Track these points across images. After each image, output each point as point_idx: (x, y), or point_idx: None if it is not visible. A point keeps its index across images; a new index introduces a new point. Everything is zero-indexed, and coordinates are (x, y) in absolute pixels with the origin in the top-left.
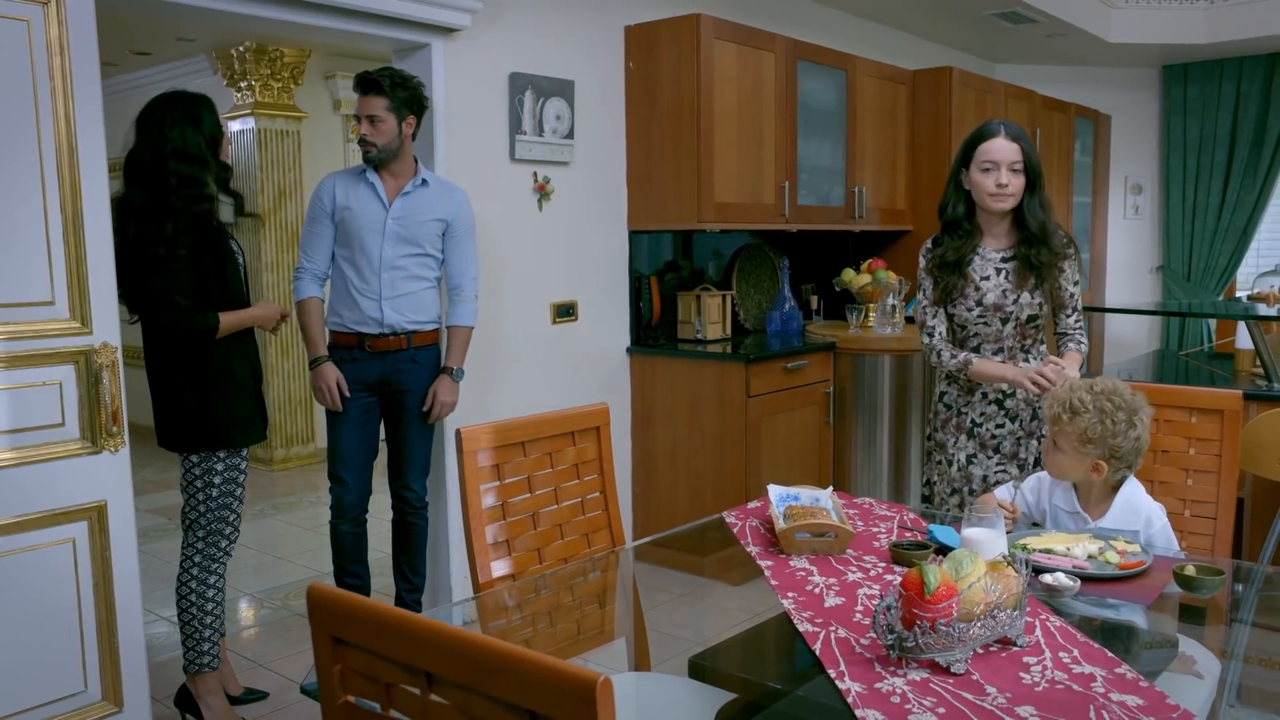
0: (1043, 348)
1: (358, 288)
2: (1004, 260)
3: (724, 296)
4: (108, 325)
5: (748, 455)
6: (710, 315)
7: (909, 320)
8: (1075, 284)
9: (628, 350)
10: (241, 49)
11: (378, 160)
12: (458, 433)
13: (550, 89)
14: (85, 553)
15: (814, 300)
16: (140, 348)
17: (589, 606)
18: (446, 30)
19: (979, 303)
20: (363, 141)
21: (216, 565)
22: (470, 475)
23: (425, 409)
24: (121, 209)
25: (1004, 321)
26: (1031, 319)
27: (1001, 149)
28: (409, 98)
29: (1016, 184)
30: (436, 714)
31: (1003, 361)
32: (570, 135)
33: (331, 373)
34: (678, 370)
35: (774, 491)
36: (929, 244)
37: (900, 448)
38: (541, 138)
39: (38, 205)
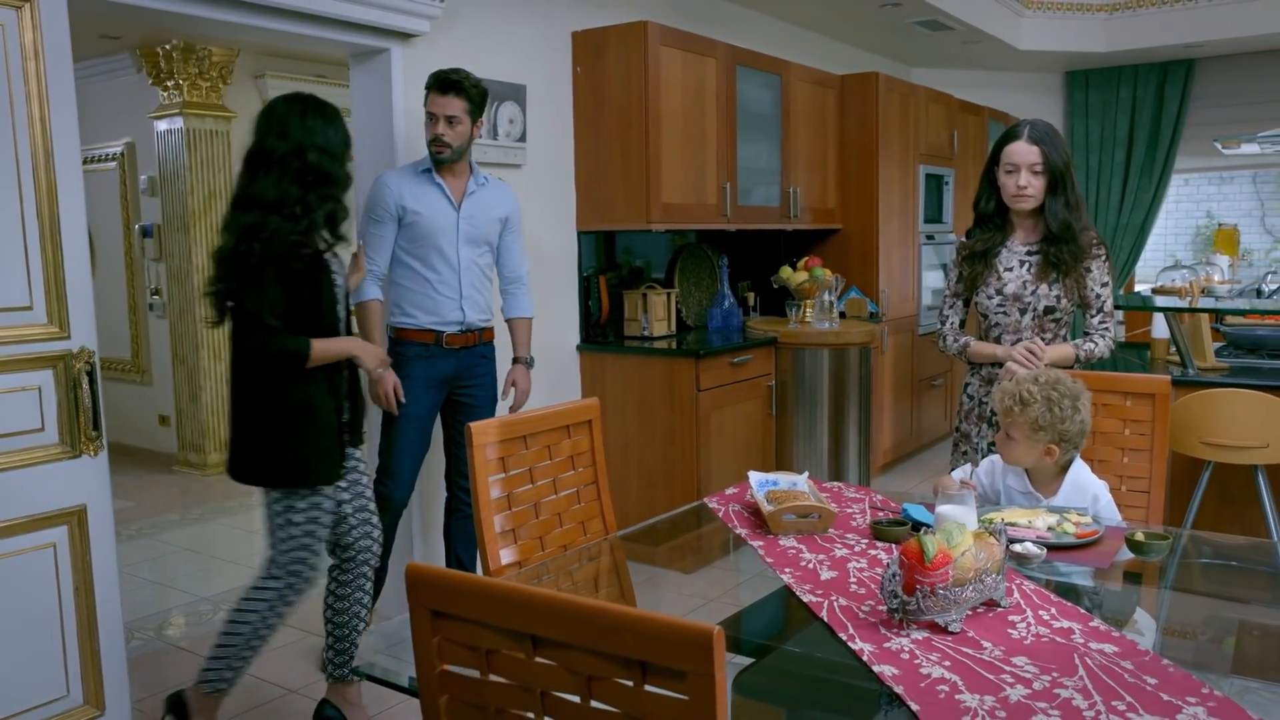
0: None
1: (437, 289)
2: (1029, 254)
3: (668, 294)
4: (85, 330)
5: (698, 447)
6: (656, 313)
7: (842, 315)
8: (1104, 285)
9: (577, 348)
10: (168, 47)
11: (450, 161)
12: (468, 428)
13: (504, 93)
14: (66, 557)
15: (751, 297)
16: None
17: (584, 591)
18: (405, 35)
19: (999, 291)
20: (438, 141)
21: (283, 607)
22: (480, 468)
23: (505, 399)
24: (245, 203)
25: (1022, 312)
26: (1049, 311)
27: (1022, 152)
28: (482, 100)
29: (1037, 185)
30: (539, 674)
31: None
32: (523, 138)
33: (391, 378)
34: (628, 366)
35: (754, 478)
36: (963, 236)
37: (838, 437)
38: (496, 141)
39: (14, 210)
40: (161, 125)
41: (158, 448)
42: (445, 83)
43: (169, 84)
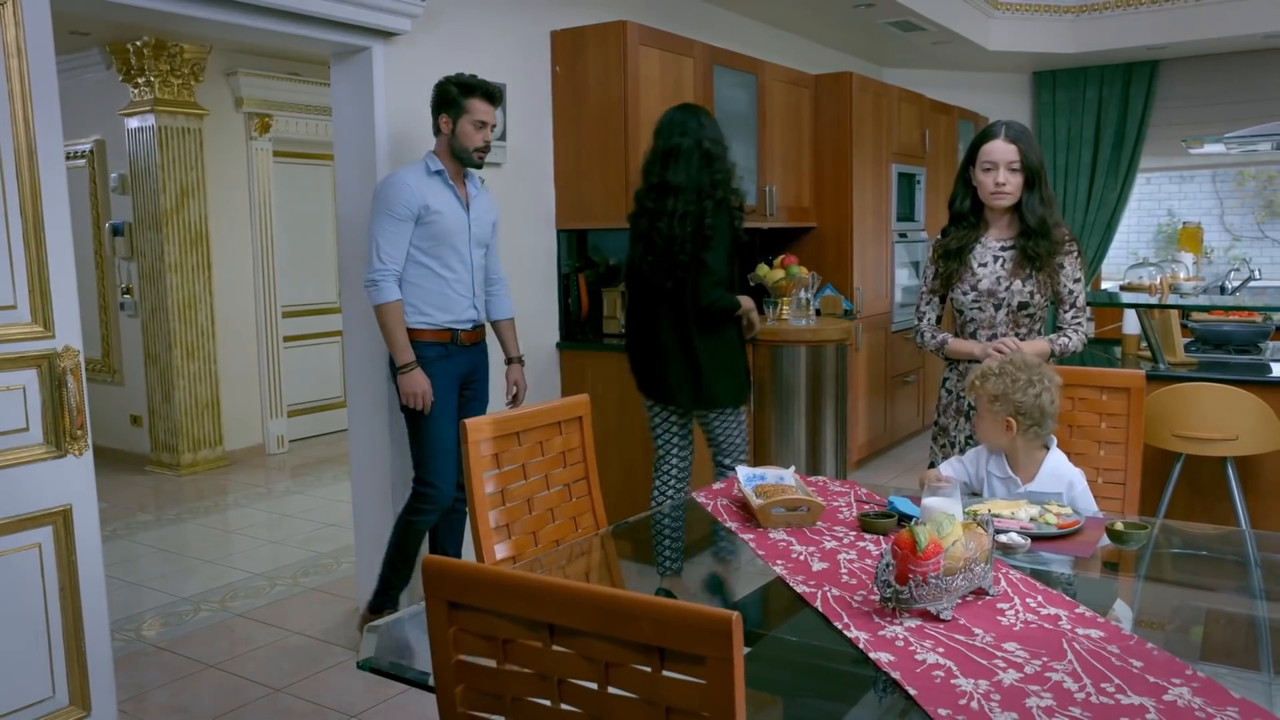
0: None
1: (454, 288)
2: (1003, 249)
3: None
4: (70, 328)
5: None
6: None
7: (817, 313)
8: (1076, 281)
9: (557, 346)
10: (139, 44)
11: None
12: (462, 424)
13: None
14: (51, 557)
15: None
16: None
17: None
18: (387, 34)
19: (974, 287)
20: (487, 148)
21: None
22: (475, 464)
23: (510, 398)
24: (669, 189)
25: (997, 308)
26: (1023, 306)
27: (1000, 150)
28: None
29: (1015, 182)
30: (556, 662)
31: None
32: (503, 137)
33: (424, 378)
34: (608, 363)
35: (742, 472)
36: (939, 235)
37: (815, 433)
38: None
39: None
40: (132, 122)
41: (130, 448)
42: (492, 93)
43: (139, 81)
